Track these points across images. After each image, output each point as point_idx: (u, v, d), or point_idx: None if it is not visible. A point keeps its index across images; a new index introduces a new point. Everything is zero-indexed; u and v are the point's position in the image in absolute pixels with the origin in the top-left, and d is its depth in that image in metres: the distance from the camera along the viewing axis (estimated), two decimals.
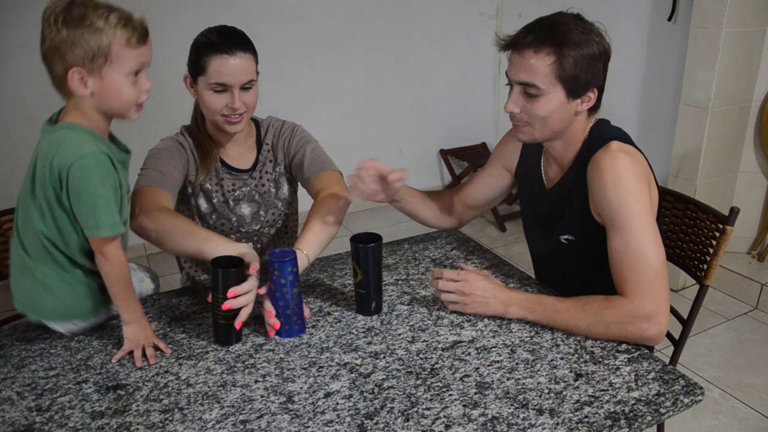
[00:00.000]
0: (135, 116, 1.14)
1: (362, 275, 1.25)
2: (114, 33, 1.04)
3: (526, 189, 1.49)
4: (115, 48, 1.05)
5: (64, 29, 1.02)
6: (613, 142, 1.23)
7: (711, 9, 2.56)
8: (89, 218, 1.10)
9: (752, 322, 2.66)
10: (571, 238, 1.36)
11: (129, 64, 1.07)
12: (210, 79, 1.37)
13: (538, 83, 1.20)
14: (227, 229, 1.55)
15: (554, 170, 1.38)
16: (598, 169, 1.21)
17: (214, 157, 1.51)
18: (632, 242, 1.17)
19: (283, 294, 1.18)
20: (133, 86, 1.09)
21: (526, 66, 1.20)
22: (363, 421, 0.98)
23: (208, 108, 1.41)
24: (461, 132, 4.26)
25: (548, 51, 1.18)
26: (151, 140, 1.53)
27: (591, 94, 1.24)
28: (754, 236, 3.01)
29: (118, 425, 0.98)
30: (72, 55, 1.03)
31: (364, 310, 1.29)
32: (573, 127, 1.29)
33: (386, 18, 3.75)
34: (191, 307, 1.35)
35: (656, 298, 1.14)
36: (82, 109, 1.10)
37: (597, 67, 1.22)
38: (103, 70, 1.05)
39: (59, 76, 1.06)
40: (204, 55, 1.36)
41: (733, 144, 2.83)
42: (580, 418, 0.97)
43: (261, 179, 1.57)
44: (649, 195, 1.21)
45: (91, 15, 1.03)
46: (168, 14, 3.12)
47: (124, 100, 1.10)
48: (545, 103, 1.22)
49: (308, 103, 3.62)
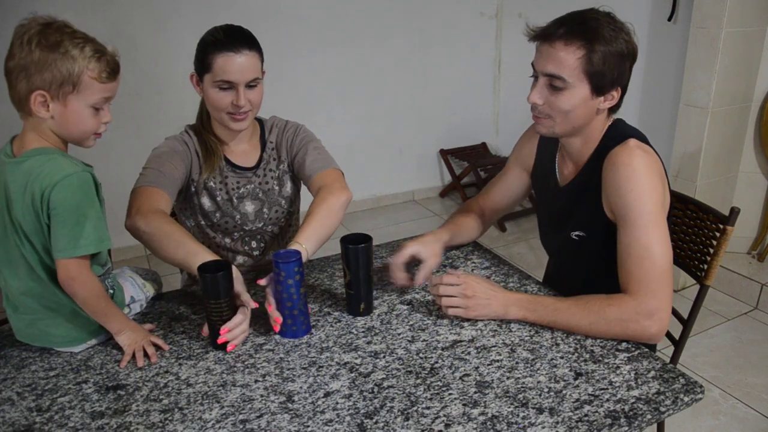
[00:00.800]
0: (92, 143, 1.14)
1: (351, 276, 1.25)
2: (87, 64, 1.05)
3: (540, 186, 1.50)
4: (85, 79, 1.05)
5: (37, 51, 1.02)
6: (631, 139, 1.23)
7: (711, 9, 2.56)
8: (68, 238, 1.07)
9: (752, 322, 2.66)
10: (582, 234, 1.36)
11: (95, 96, 1.08)
12: (216, 76, 1.38)
13: (565, 76, 1.20)
14: (231, 227, 1.55)
15: (569, 167, 1.38)
16: (614, 164, 1.22)
17: (219, 156, 1.51)
18: (641, 238, 1.17)
19: (290, 295, 1.18)
20: (93, 117, 1.10)
21: (555, 57, 1.20)
22: (363, 421, 0.98)
23: (214, 105, 1.42)
24: (461, 132, 4.26)
25: (579, 45, 1.18)
26: (151, 141, 1.53)
27: (615, 93, 1.25)
28: (754, 236, 3.01)
29: (118, 425, 0.98)
30: (39, 77, 1.03)
31: (354, 310, 1.29)
32: (592, 126, 1.29)
33: (386, 18, 3.75)
34: (191, 307, 1.35)
35: (659, 296, 1.14)
36: (42, 131, 1.09)
37: (623, 66, 1.22)
38: (69, 97, 1.06)
39: (21, 95, 1.05)
40: (210, 53, 1.37)
41: (733, 144, 2.83)
42: (580, 417, 0.97)
43: (265, 177, 1.57)
44: (663, 194, 1.21)
45: (67, 43, 1.03)
46: (168, 15, 3.13)
47: (83, 129, 1.10)
48: (569, 97, 1.22)
49: (308, 103, 3.62)
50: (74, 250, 1.07)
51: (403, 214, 4.01)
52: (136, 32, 3.08)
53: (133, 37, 3.07)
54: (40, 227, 1.09)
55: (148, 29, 3.11)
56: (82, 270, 1.10)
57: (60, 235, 1.07)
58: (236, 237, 1.58)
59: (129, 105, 3.08)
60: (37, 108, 1.05)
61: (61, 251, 1.08)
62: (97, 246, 1.10)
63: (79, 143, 1.13)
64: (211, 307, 1.14)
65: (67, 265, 1.09)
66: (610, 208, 1.25)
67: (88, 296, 1.12)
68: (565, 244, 1.41)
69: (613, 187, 1.21)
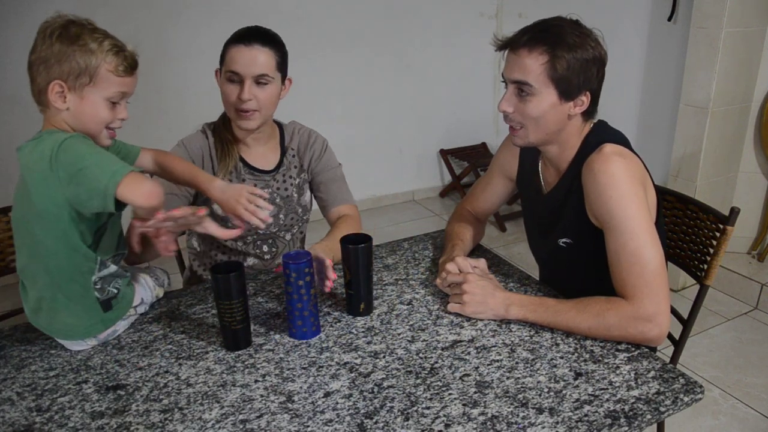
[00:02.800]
0: (107, 141, 1.15)
1: (351, 276, 1.25)
2: (104, 57, 1.07)
3: (525, 193, 1.51)
4: (101, 71, 1.07)
5: (57, 44, 1.05)
6: (606, 145, 1.23)
7: (711, 9, 2.56)
8: (100, 175, 1.02)
9: (752, 322, 2.66)
10: (569, 242, 1.36)
11: (111, 89, 1.10)
12: (227, 67, 1.42)
13: (530, 81, 1.21)
14: (245, 231, 1.56)
15: (552, 174, 1.39)
16: (591, 172, 1.22)
17: (233, 156, 1.52)
18: (629, 244, 1.17)
19: (300, 296, 1.18)
20: (109, 111, 1.11)
21: (521, 65, 1.22)
22: (363, 421, 0.98)
23: (224, 99, 1.45)
24: (461, 132, 4.26)
25: (542, 50, 1.20)
26: (151, 141, 1.53)
27: (584, 98, 1.25)
28: (754, 236, 3.01)
29: (118, 425, 0.98)
30: (58, 68, 1.06)
31: (354, 310, 1.29)
32: (567, 132, 1.29)
33: (386, 18, 3.75)
34: (191, 307, 1.35)
35: (655, 299, 1.14)
36: (58, 122, 1.11)
37: (590, 72, 1.22)
38: (85, 89, 1.08)
39: (40, 87, 1.08)
40: (226, 46, 1.43)
41: (733, 144, 2.83)
42: (580, 417, 0.97)
43: (284, 183, 1.58)
44: (644, 197, 1.20)
45: (87, 37, 1.06)
46: (168, 15, 3.13)
47: (97, 121, 1.11)
48: (537, 103, 1.23)
49: (308, 103, 3.62)
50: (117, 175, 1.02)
51: (403, 214, 4.01)
52: (137, 32, 3.08)
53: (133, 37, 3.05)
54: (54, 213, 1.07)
55: (148, 29, 3.10)
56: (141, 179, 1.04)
57: (96, 175, 1.02)
58: (249, 240, 1.58)
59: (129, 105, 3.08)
60: (54, 98, 1.07)
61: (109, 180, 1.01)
62: (125, 167, 1.04)
63: (94, 139, 1.13)
64: (224, 308, 1.14)
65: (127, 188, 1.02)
66: (593, 215, 1.25)
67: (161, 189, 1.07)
68: (553, 251, 1.41)
69: (594, 195, 1.21)
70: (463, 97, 4.16)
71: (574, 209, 1.30)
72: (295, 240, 1.68)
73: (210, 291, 1.40)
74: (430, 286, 1.41)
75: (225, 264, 1.16)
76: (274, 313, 1.31)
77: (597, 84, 1.25)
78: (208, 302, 1.36)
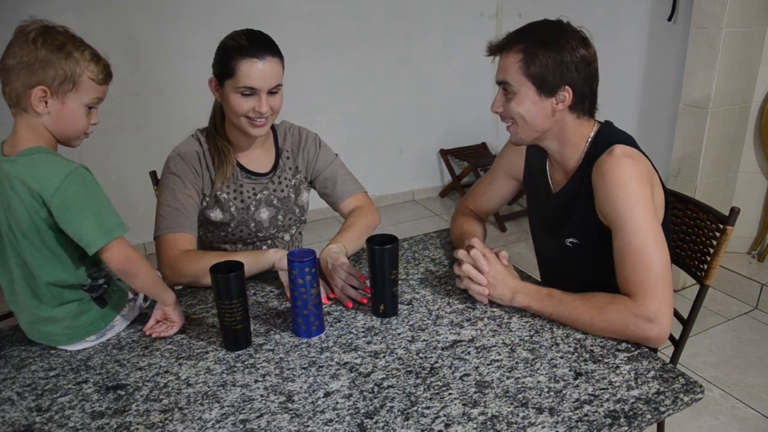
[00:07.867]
0: (79, 143, 1.20)
1: (372, 276, 1.25)
2: (87, 65, 1.12)
3: (532, 192, 1.51)
4: (84, 78, 1.12)
5: (43, 50, 1.08)
6: (616, 146, 1.24)
7: (711, 9, 2.56)
8: (96, 227, 1.09)
9: (752, 322, 2.66)
10: (576, 242, 1.37)
11: (90, 96, 1.14)
12: (239, 82, 1.37)
13: (509, 80, 1.27)
14: (245, 235, 1.56)
15: (559, 174, 1.39)
16: (601, 173, 1.23)
17: (231, 162, 1.50)
18: (633, 243, 1.17)
19: (300, 294, 1.18)
20: (86, 116, 1.16)
21: (502, 65, 1.29)
22: (363, 420, 0.98)
23: (234, 111, 1.41)
24: (461, 132, 4.26)
25: (517, 49, 1.25)
26: (151, 141, 1.53)
27: (565, 94, 1.25)
28: (754, 236, 3.01)
29: (118, 425, 0.98)
30: (43, 74, 1.08)
31: (375, 310, 1.29)
32: (562, 129, 1.30)
33: (386, 18, 3.76)
34: (191, 307, 1.35)
35: (658, 300, 1.14)
36: (35, 127, 1.12)
37: (568, 68, 1.23)
38: (68, 95, 1.12)
39: (18, 91, 1.09)
40: (233, 59, 1.36)
41: (733, 144, 2.83)
42: (580, 417, 0.97)
43: (280, 184, 1.58)
44: (651, 198, 1.21)
45: (71, 46, 1.11)
46: (168, 15, 3.12)
47: (76, 127, 1.15)
48: (519, 101, 1.27)
49: (308, 103, 3.62)
50: (109, 235, 1.10)
51: (403, 214, 4.01)
52: (136, 32, 3.08)
53: (133, 37, 3.07)
54: (34, 226, 1.10)
55: (148, 29, 3.10)
56: (128, 248, 1.14)
57: (86, 228, 1.09)
58: (248, 242, 1.58)
59: (129, 105, 3.08)
60: (36, 103, 1.09)
61: (95, 241, 1.09)
62: (123, 227, 1.13)
63: (69, 142, 1.17)
64: (224, 308, 1.14)
65: (112, 250, 1.11)
66: (602, 215, 1.26)
67: (147, 270, 1.17)
68: (559, 251, 1.42)
69: (603, 195, 1.23)
70: (463, 97, 4.17)
71: (583, 209, 1.31)
72: (294, 240, 1.68)
73: (210, 291, 1.40)
74: (430, 286, 1.41)
75: (225, 264, 1.16)
76: (274, 313, 1.31)
77: (583, 81, 1.26)
78: (208, 302, 1.36)
